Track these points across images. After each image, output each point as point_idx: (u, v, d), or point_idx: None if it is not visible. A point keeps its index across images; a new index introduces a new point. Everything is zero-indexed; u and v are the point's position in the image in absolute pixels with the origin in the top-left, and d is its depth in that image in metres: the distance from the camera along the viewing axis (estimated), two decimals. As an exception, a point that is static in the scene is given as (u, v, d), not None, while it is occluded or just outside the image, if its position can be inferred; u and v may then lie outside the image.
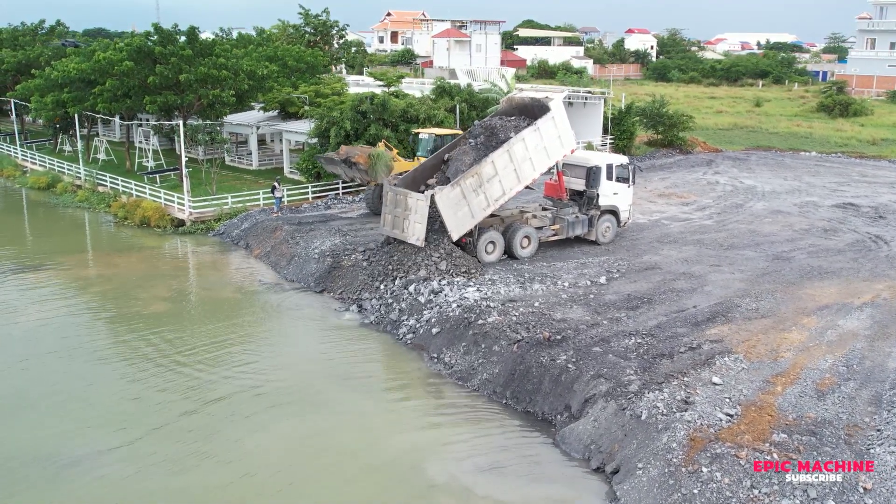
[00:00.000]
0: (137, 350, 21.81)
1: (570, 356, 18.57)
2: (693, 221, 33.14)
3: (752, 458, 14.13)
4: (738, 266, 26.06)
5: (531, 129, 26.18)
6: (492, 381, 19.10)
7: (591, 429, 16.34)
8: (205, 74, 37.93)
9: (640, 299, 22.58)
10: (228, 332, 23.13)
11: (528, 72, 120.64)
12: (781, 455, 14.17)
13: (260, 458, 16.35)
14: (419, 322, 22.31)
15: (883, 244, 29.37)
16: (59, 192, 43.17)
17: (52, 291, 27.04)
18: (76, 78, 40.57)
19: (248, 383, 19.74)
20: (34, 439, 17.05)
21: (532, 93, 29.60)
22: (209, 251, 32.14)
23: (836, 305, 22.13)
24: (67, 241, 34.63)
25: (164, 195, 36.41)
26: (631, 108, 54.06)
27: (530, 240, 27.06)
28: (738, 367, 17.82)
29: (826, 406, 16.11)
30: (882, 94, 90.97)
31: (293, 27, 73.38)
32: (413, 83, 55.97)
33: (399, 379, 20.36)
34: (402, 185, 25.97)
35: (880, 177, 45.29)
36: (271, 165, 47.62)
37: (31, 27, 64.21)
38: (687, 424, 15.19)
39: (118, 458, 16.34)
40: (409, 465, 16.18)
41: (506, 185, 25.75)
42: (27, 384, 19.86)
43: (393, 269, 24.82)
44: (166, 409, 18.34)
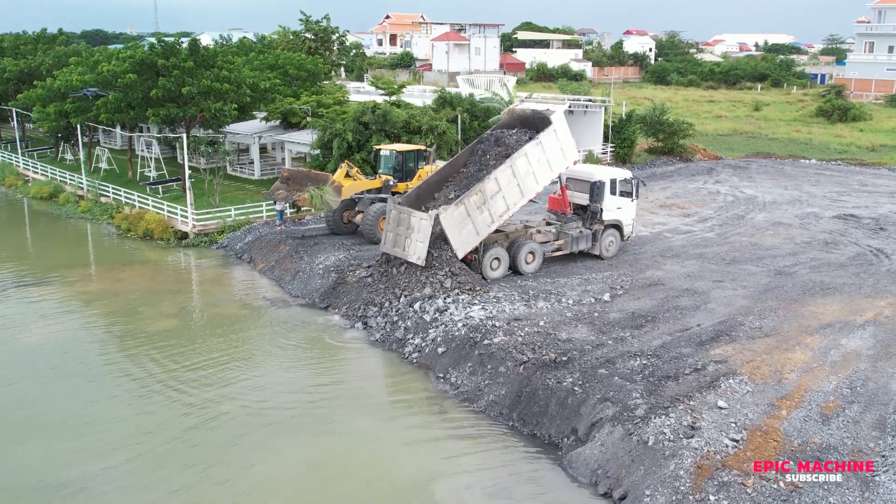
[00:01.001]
0: (141, 368, 21.91)
1: (576, 378, 18.71)
2: (695, 234, 33.31)
3: (759, 486, 14.27)
4: (740, 282, 26.22)
5: (533, 143, 26.31)
6: (498, 403, 19.23)
7: (599, 453, 16.48)
8: (207, 87, 38.04)
9: (645, 317, 22.73)
10: (233, 350, 23.25)
11: (527, 75, 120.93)
12: (787, 484, 14.31)
13: (263, 480, 16.47)
14: (425, 341, 22.44)
15: (884, 258, 29.54)
16: (62, 203, 43.25)
17: (54, 307, 27.14)
18: (79, 88, 40.71)
19: (254, 403, 19.85)
20: (32, 460, 17.14)
21: (533, 104, 29.69)
22: (213, 265, 32.25)
23: (838, 323, 22.29)
24: (70, 254, 34.74)
25: (167, 207, 36.51)
26: (631, 116, 54.22)
27: (535, 255, 27.21)
28: (742, 390, 17.96)
29: (831, 431, 16.26)
30: (881, 98, 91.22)
31: (294, 33, 73.45)
32: (414, 91, 56.07)
33: (405, 399, 20.48)
34: (406, 203, 26.07)
35: (880, 186, 45.49)
36: (273, 175, 47.69)
37: (33, 36, 64.23)
38: (694, 452, 15.33)
39: (120, 480, 16.45)
40: (415, 488, 16.33)
41: (510, 200, 25.90)
42: (26, 402, 19.95)
43: (398, 286, 24.92)
44: (169, 430, 18.45)
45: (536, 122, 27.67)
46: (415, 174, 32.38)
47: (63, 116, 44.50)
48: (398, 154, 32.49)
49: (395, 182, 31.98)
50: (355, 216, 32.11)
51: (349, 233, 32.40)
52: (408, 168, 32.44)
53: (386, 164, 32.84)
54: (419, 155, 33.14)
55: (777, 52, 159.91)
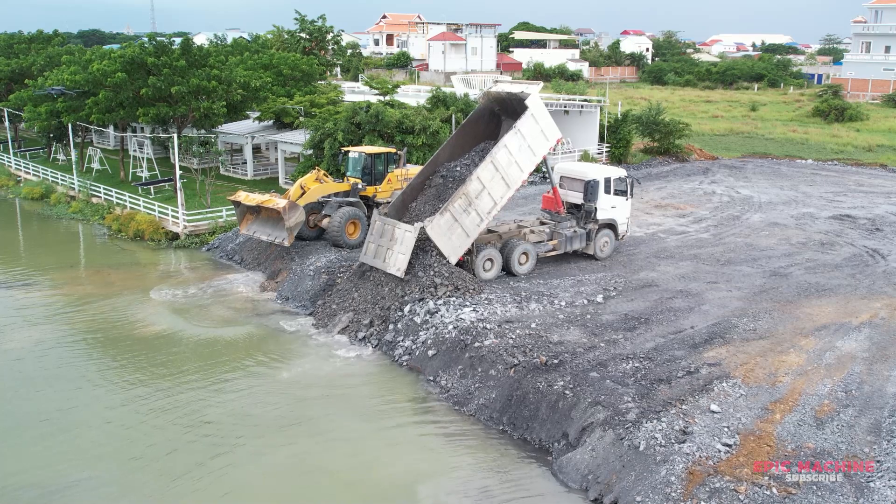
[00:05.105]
0: (128, 374, 21.60)
1: (567, 382, 18.41)
2: (690, 235, 33.04)
3: (752, 492, 14.00)
4: (735, 283, 25.95)
5: (511, 133, 25.56)
6: (488, 407, 18.94)
7: (589, 458, 16.20)
8: (197, 86, 37.72)
9: (637, 319, 22.45)
10: (221, 355, 22.92)
11: (523, 75, 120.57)
12: (781, 489, 14.04)
13: (245, 483, 16.20)
14: (415, 343, 22.15)
15: (880, 258, 29.30)
16: (53, 203, 42.91)
17: (42, 311, 26.76)
18: (70, 88, 40.39)
19: (239, 406, 19.56)
20: (18, 468, 16.83)
21: (508, 86, 28.65)
22: (203, 267, 31.91)
23: (833, 325, 22.03)
24: (61, 255, 34.38)
25: (158, 208, 36.18)
26: (627, 116, 53.98)
27: (528, 256, 26.90)
28: (736, 394, 17.69)
29: (825, 435, 15.99)
30: (877, 98, 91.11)
31: (288, 33, 73.13)
32: (408, 91, 55.76)
33: (394, 402, 20.17)
34: (392, 212, 25.58)
35: (876, 186, 45.27)
36: (266, 175, 47.40)
37: (28, 36, 63.89)
38: (686, 457, 15.05)
39: (104, 487, 16.15)
40: (401, 492, 16.08)
41: (496, 195, 25.36)
42: (13, 410, 19.63)
43: (388, 289, 24.59)
44: (155, 436, 18.13)
45: (513, 103, 26.95)
46: (384, 177, 31.36)
47: (54, 116, 44.15)
48: (367, 156, 31.16)
49: (364, 185, 30.86)
50: (322, 220, 30.52)
51: (314, 238, 30.75)
52: (377, 171, 31.23)
53: (354, 167, 31.42)
54: (389, 158, 31.91)
55: (774, 52, 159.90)
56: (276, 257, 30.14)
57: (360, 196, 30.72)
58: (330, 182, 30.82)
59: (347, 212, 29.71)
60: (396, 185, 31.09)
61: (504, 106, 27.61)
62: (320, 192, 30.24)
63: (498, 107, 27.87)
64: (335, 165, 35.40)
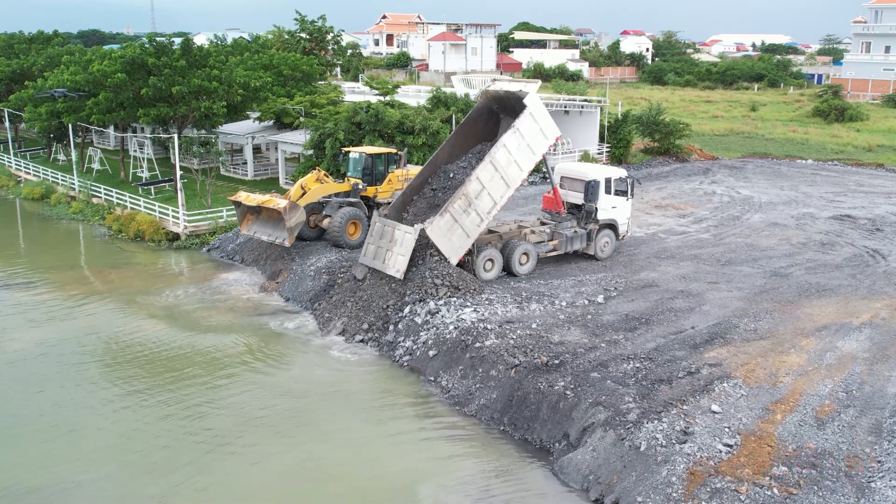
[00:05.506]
0: (128, 374, 21.61)
1: (568, 382, 18.42)
2: (690, 235, 33.05)
3: (753, 492, 14.00)
4: (735, 283, 25.96)
5: (510, 132, 25.52)
6: (489, 407, 18.95)
7: (590, 459, 16.21)
8: (197, 86, 37.73)
9: (638, 320, 22.45)
10: (221, 355, 22.92)
11: (523, 75, 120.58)
12: (782, 490, 14.05)
13: (246, 484, 16.20)
14: (416, 344, 22.15)
15: (881, 259, 29.31)
16: (54, 204, 42.92)
17: (43, 312, 26.78)
18: (71, 88, 40.41)
19: (242, 408, 19.56)
20: (17, 468, 16.84)
21: (507, 85, 28.50)
22: (204, 267, 31.92)
23: (834, 325, 22.04)
24: (61, 256, 34.36)
25: (158, 208, 36.18)
26: (627, 116, 53.99)
27: (529, 256, 26.90)
28: (737, 394, 17.70)
29: (826, 435, 16.00)
30: (877, 98, 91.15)
31: (288, 33, 73.14)
32: (409, 91, 55.78)
33: (395, 402, 20.17)
34: (393, 214, 25.57)
35: (877, 186, 45.28)
36: (267, 175, 47.40)
37: (28, 36, 63.89)
38: (686, 457, 15.06)
39: (104, 488, 16.14)
40: (402, 492, 16.09)
41: (495, 195, 25.34)
42: (13, 410, 19.64)
43: (389, 289, 24.59)
44: (155, 436, 18.14)
45: (512, 102, 26.95)
46: (385, 178, 31.31)
47: (55, 117, 44.15)
48: (367, 157, 31.06)
49: (365, 186, 30.82)
50: (322, 220, 30.44)
51: (314, 238, 30.72)
52: (377, 171, 31.19)
53: (355, 167, 31.31)
54: (389, 158, 31.86)
55: (774, 52, 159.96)
56: (276, 257, 30.14)
57: (360, 196, 30.71)
58: (330, 182, 30.80)
59: (348, 212, 29.71)
60: (397, 185, 31.09)
61: (503, 104, 27.62)
62: (321, 193, 30.22)
63: (497, 105, 27.89)
64: (336, 166, 35.38)
